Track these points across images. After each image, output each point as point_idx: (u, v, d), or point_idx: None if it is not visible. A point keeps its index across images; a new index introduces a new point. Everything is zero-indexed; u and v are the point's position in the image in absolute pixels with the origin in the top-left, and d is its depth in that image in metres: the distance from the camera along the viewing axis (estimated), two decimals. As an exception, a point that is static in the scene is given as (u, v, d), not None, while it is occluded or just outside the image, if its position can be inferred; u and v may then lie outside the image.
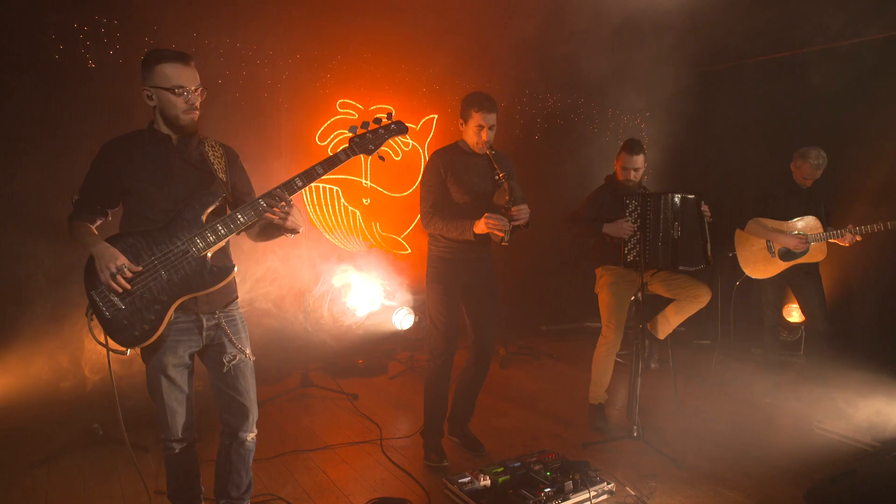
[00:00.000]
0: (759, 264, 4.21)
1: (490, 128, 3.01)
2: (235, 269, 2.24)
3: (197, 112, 2.16)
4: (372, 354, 4.94)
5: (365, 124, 2.34)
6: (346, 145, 2.30)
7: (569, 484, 2.74)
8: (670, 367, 4.16)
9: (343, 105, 5.12)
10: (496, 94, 5.77)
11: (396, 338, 5.15)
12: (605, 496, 2.82)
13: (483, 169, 3.11)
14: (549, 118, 6.22)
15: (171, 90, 2.08)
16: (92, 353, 3.60)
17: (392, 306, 4.95)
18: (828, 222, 4.11)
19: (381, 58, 5.25)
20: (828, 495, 2.67)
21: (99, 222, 2.25)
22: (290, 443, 3.41)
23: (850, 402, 3.94)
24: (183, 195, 2.17)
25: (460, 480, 2.81)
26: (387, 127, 2.36)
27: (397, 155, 5.40)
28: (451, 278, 3.13)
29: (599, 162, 5.64)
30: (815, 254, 4.09)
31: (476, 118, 3.00)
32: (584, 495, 2.73)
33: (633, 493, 2.86)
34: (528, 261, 6.06)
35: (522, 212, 2.93)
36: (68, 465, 3.07)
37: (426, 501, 2.80)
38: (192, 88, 2.12)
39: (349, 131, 2.32)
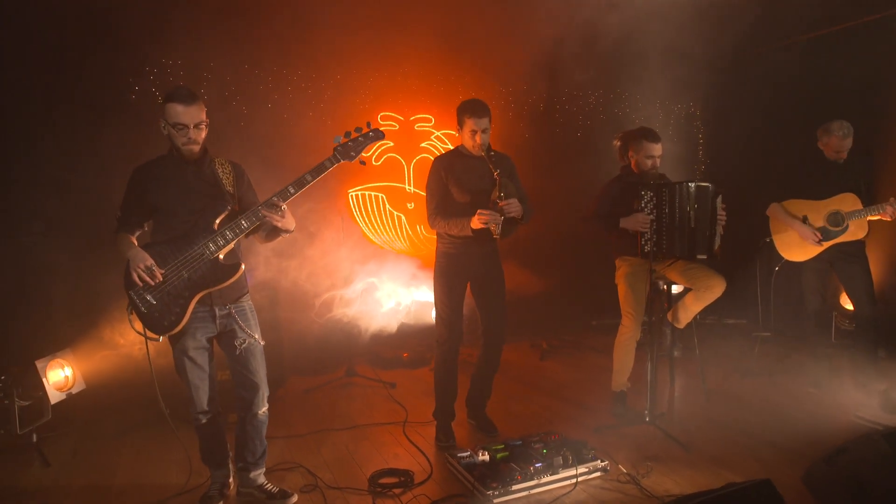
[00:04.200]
0: (795, 247, 4.04)
1: (483, 131, 3.25)
2: (243, 266, 2.65)
3: (196, 145, 2.56)
4: (416, 348, 5.28)
5: (347, 134, 2.70)
6: (331, 154, 2.66)
7: (559, 460, 2.91)
8: (697, 356, 4.14)
9: (385, 118, 5.52)
10: (533, 97, 6.05)
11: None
12: (597, 473, 2.96)
13: (481, 169, 3.35)
14: (590, 115, 6.28)
15: (174, 126, 2.52)
16: (157, 343, 4.19)
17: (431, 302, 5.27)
18: (869, 198, 3.85)
19: (418, 70, 5.60)
20: (822, 476, 2.65)
21: (138, 233, 2.71)
22: (324, 422, 3.82)
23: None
24: (198, 207, 2.59)
25: (459, 455, 3.06)
26: (365, 135, 2.70)
27: (438, 160, 5.72)
28: (455, 271, 3.40)
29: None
30: (856, 231, 3.86)
31: (469, 124, 3.26)
32: (572, 471, 2.89)
33: (624, 471, 2.97)
34: (575, 256, 6.12)
35: (511, 206, 3.14)
36: (140, 437, 3.67)
37: (429, 473, 3.07)
38: (192, 126, 2.51)
39: (334, 141, 2.68)
